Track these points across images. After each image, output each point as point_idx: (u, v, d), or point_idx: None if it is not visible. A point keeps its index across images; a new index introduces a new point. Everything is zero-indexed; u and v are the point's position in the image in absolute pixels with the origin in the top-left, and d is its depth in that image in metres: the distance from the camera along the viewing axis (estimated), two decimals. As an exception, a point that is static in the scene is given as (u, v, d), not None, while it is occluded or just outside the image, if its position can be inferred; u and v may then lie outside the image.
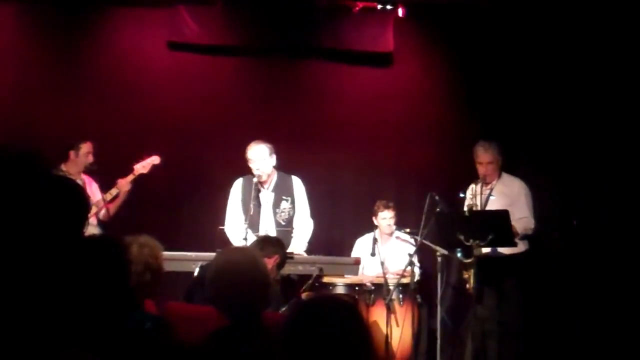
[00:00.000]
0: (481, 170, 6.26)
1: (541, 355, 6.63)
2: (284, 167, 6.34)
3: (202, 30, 7.48)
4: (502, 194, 6.23)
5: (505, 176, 6.35)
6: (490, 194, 6.23)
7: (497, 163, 6.28)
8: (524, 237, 6.19)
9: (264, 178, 6.12)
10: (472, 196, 6.25)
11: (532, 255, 6.26)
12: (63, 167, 6.52)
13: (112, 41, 7.51)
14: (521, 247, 6.17)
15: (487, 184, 6.27)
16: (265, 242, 4.85)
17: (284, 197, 6.19)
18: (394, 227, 6.93)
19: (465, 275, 5.97)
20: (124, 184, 6.57)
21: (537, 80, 7.38)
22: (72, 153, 6.57)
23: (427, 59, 7.78)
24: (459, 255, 6.04)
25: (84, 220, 2.28)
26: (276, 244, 4.87)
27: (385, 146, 7.62)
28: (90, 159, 6.58)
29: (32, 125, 6.95)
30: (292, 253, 5.80)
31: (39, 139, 6.51)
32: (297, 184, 6.29)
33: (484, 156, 6.25)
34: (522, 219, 6.14)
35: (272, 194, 6.18)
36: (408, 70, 7.76)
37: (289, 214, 6.20)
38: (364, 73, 7.74)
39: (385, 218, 6.91)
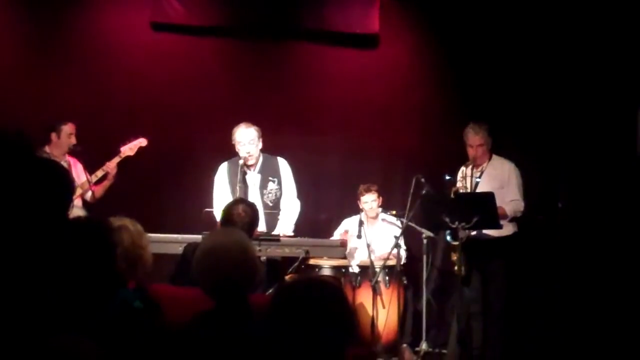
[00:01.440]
0: (471, 152, 6.24)
1: (526, 337, 6.66)
2: (269, 149, 6.33)
3: (185, 10, 7.42)
4: (492, 177, 6.22)
5: (496, 158, 6.33)
6: (479, 177, 6.22)
7: (487, 145, 6.27)
8: (514, 219, 6.20)
9: (251, 161, 6.11)
10: (462, 178, 6.25)
11: (519, 237, 6.27)
12: (47, 148, 6.48)
13: (94, 21, 7.44)
14: (510, 229, 6.17)
15: (477, 166, 6.26)
16: None
17: (270, 178, 6.19)
18: (379, 209, 6.95)
19: (454, 258, 5.97)
20: (112, 167, 6.56)
21: (523, 63, 7.37)
22: (53, 135, 6.53)
23: (413, 40, 7.75)
24: (447, 238, 6.05)
25: (68, 202, 2.27)
26: None
27: (370, 128, 7.61)
28: (73, 140, 6.55)
29: (14, 106, 6.87)
30: (278, 235, 5.81)
31: (21, 121, 6.43)
32: (283, 165, 6.28)
33: (475, 139, 6.22)
34: (512, 201, 6.14)
35: (259, 176, 6.18)
36: (394, 52, 7.73)
37: (275, 195, 6.20)
38: (349, 55, 7.71)
39: (367, 202, 6.92)
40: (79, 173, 6.52)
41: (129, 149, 6.68)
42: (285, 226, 6.14)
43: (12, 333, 1.63)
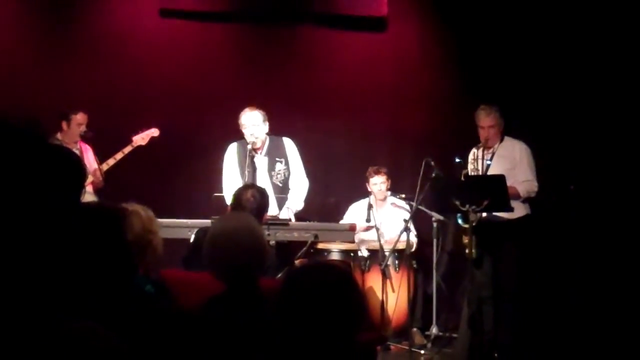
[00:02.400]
0: (483, 134, 6.19)
1: (538, 321, 6.65)
2: (277, 133, 6.34)
3: (194, -4, 7.45)
4: (503, 158, 6.17)
5: (507, 139, 6.27)
6: (490, 159, 6.18)
7: (498, 127, 6.21)
8: (526, 200, 6.16)
9: (258, 144, 6.13)
10: (474, 160, 6.21)
11: (531, 220, 6.23)
12: (59, 135, 6.52)
13: (103, 8, 7.44)
14: (521, 211, 6.11)
15: (488, 148, 6.22)
16: None
17: (277, 159, 6.22)
18: (387, 192, 6.95)
19: (465, 241, 5.94)
20: (97, 176, 6.52)
21: (533, 45, 7.34)
22: (64, 123, 6.57)
23: (422, 23, 7.73)
24: (459, 220, 6.00)
25: (81, 188, 2.28)
26: None
27: (379, 111, 7.60)
28: (83, 129, 6.57)
29: (24, 93, 6.90)
30: (287, 220, 5.82)
31: (32, 108, 6.46)
32: (289, 145, 6.30)
33: (486, 120, 6.17)
34: (525, 182, 6.10)
35: (266, 158, 6.20)
36: (402, 35, 7.71)
37: (284, 175, 6.22)
38: (358, 38, 7.69)
39: (376, 184, 6.92)
40: (89, 160, 6.53)
41: (140, 139, 6.71)
42: (294, 203, 6.16)
43: (26, 320, 1.65)
